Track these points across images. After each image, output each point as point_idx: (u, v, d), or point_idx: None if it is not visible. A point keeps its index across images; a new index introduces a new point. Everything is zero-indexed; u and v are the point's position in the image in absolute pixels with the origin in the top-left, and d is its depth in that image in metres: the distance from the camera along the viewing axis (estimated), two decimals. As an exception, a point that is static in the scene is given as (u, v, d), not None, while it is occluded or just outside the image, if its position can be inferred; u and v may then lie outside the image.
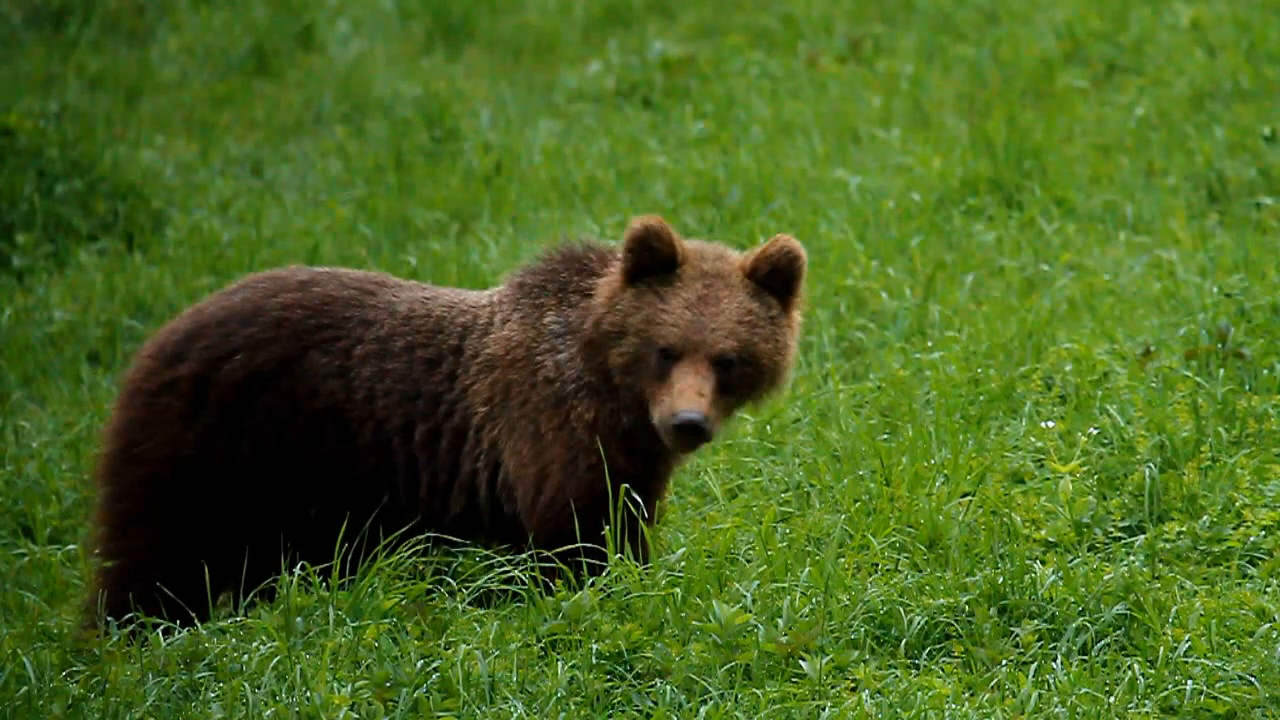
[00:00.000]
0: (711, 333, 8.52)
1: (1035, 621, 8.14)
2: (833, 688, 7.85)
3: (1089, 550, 8.90)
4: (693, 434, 8.41)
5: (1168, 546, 8.79)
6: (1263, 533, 8.83)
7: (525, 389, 8.68)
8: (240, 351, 8.79)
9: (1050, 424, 10.02)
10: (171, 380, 8.82)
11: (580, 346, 8.63)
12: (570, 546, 8.49)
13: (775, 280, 8.63)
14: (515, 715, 7.72)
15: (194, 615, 8.65)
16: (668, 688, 7.85)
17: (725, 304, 8.55)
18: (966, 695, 7.78)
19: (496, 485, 8.67)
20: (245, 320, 8.82)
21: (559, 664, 7.91)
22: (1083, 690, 7.71)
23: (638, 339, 8.54)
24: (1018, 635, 8.09)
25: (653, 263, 8.56)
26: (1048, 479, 9.49)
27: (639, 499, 8.55)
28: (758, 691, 7.77)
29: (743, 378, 8.56)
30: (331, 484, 8.76)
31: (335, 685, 7.82)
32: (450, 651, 8.00)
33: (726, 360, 8.51)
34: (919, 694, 7.70)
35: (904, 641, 8.10)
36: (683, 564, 8.42)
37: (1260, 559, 8.72)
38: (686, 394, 8.44)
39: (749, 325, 8.56)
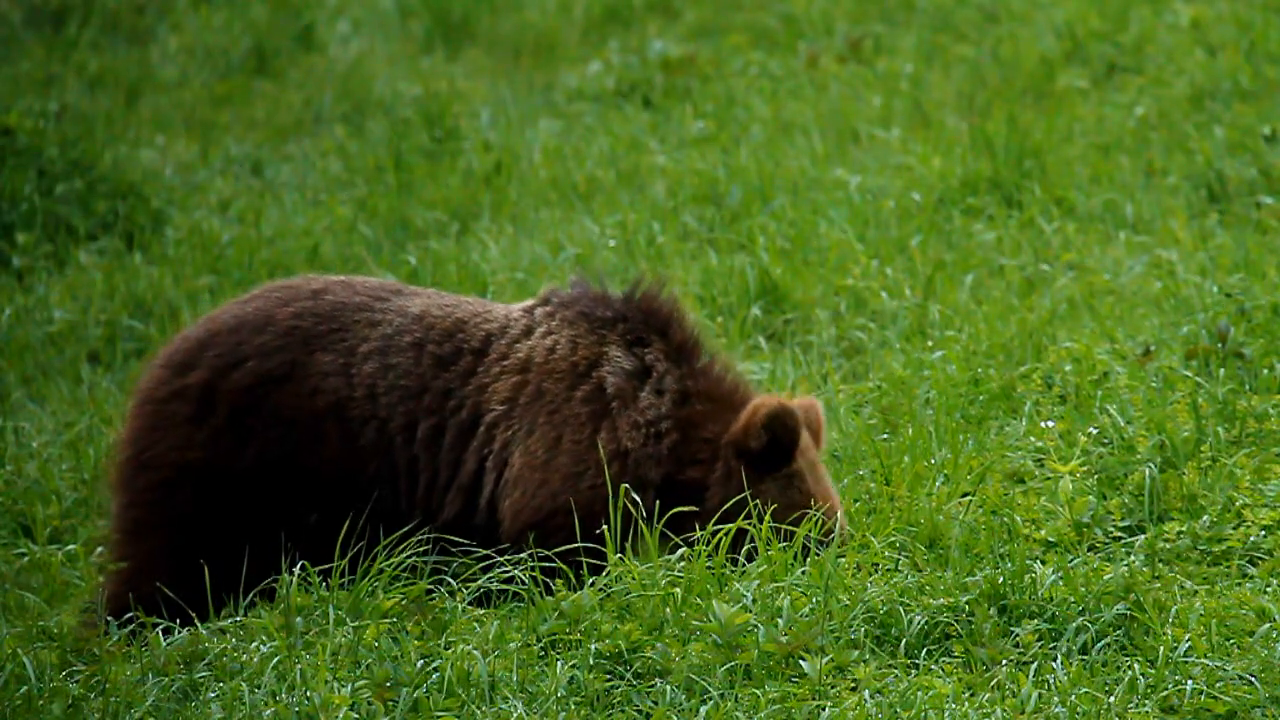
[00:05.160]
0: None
1: (1035, 621, 8.14)
2: (833, 688, 7.85)
3: (1089, 550, 8.90)
4: None
5: (1168, 546, 8.79)
6: (1263, 533, 8.83)
7: (559, 399, 8.66)
8: (251, 359, 8.80)
9: (1050, 424, 10.01)
10: (181, 388, 8.84)
11: (678, 449, 8.67)
12: (548, 551, 8.50)
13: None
14: (515, 715, 7.72)
15: (202, 618, 8.66)
16: (668, 688, 7.84)
17: (827, 485, 8.85)
18: (966, 695, 7.78)
19: (500, 484, 8.67)
20: (257, 328, 8.84)
21: (559, 664, 7.91)
22: (1083, 690, 7.71)
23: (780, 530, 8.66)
24: (1018, 635, 8.09)
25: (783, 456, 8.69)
26: (1048, 479, 9.49)
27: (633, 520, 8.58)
28: (758, 691, 7.77)
29: None
30: (335, 487, 8.75)
31: (335, 685, 7.82)
32: (450, 651, 8.00)
33: None
34: (919, 694, 7.70)
35: (904, 641, 8.10)
36: (683, 564, 8.42)
37: (1260, 559, 8.72)
38: None
39: None
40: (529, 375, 8.69)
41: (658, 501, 8.59)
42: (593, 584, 8.33)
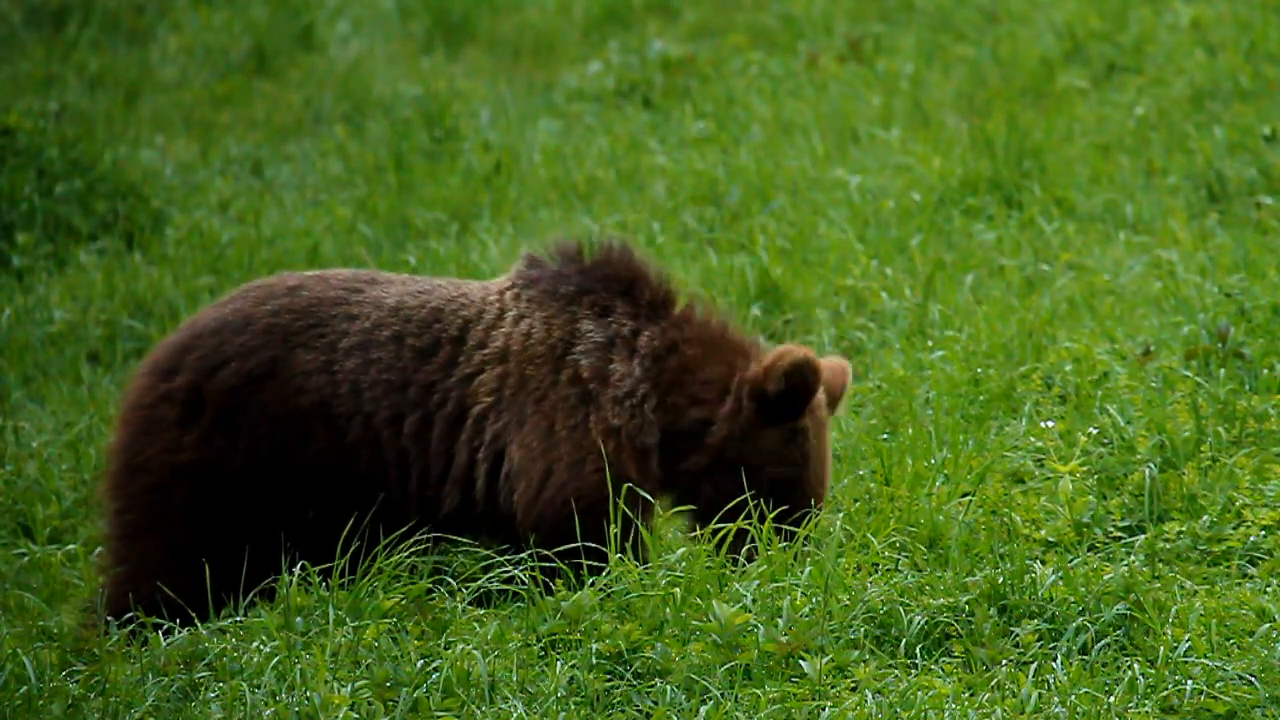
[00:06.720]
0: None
1: (1035, 621, 8.14)
2: (833, 688, 7.85)
3: (1089, 550, 8.90)
4: None
5: (1168, 546, 8.79)
6: (1263, 533, 8.83)
7: (544, 386, 8.67)
8: (233, 360, 8.82)
9: (1050, 424, 10.01)
10: (167, 392, 8.86)
11: (660, 420, 8.70)
12: (567, 546, 8.50)
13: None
14: (515, 715, 7.72)
15: (201, 619, 8.66)
16: (668, 688, 7.84)
17: (827, 454, 8.92)
18: (966, 695, 7.78)
19: (499, 478, 8.67)
20: (237, 329, 8.86)
21: (559, 664, 7.91)
22: (1083, 690, 7.71)
23: (766, 481, 8.69)
24: (1018, 635, 8.09)
25: (795, 408, 8.72)
26: (1048, 479, 9.49)
27: (642, 501, 8.57)
28: (758, 691, 7.77)
29: None
30: (328, 484, 8.76)
31: (335, 685, 7.82)
32: (450, 651, 8.00)
33: None
34: (919, 694, 7.70)
35: (904, 641, 8.10)
36: (683, 564, 8.42)
37: (1260, 559, 8.72)
38: None
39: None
40: (509, 365, 8.71)
41: (663, 458, 8.70)
42: (593, 584, 8.33)
